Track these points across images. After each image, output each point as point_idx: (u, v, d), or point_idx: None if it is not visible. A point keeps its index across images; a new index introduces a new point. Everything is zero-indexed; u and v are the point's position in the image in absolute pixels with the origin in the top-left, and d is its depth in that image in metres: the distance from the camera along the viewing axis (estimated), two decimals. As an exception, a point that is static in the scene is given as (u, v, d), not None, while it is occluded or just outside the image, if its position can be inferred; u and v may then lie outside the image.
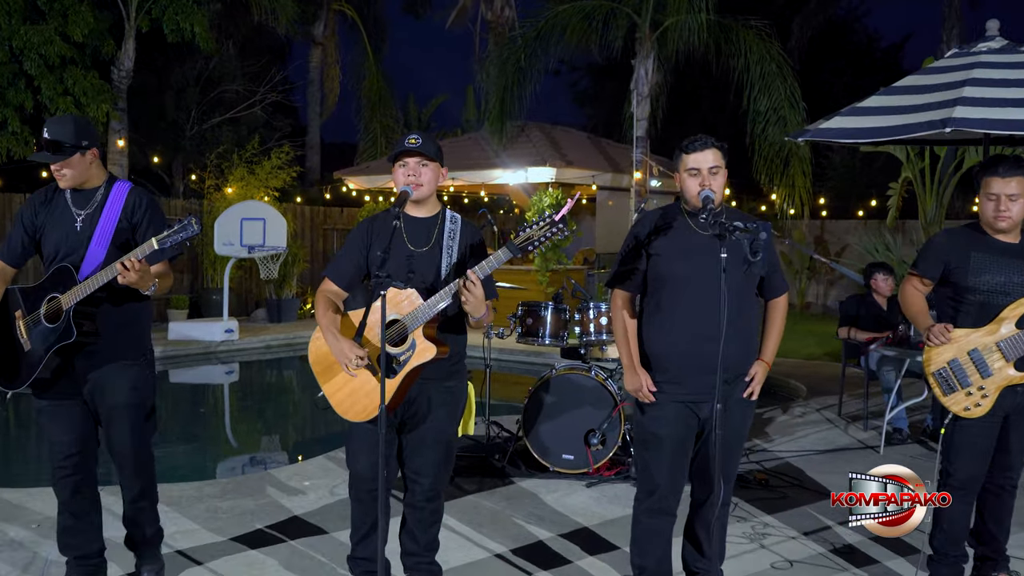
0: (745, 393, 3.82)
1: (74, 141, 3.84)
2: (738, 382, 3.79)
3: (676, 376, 3.74)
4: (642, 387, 3.78)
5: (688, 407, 3.76)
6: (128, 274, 3.60)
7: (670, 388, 3.76)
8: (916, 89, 6.29)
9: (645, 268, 3.84)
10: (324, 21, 21.65)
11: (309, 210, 18.65)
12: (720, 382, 3.42)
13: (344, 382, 3.75)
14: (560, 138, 17.03)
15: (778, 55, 13.99)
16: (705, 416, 3.76)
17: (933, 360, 3.97)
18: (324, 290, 3.87)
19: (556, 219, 3.46)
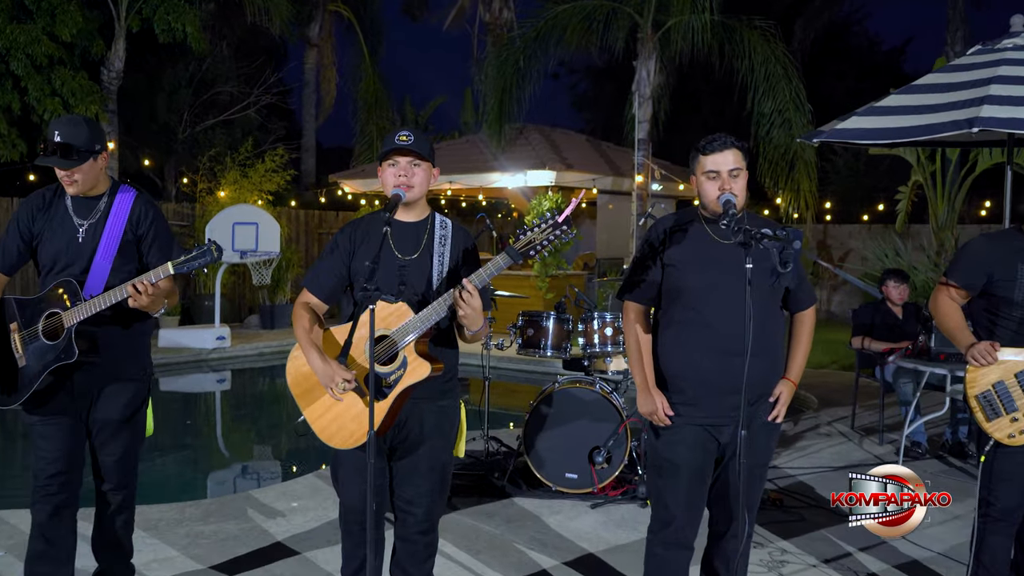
0: (770, 416, 3.49)
1: (88, 146, 3.60)
2: (762, 403, 3.46)
3: (694, 397, 3.42)
4: (657, 409, 3.45)
5: (707, 431, 3.43)
6: (140, 298, 3.43)
7: (687, 410, 3.44)
8: (938, 88, 5.97)
9: (660, 279, 3.51)
10: (320, 22, 21.33)
11: (304, 214, 18.32)
12: (745, 404, 3.09)
13: (328, 406, 3.42)
14: (559, 141, 16.74)
15: (783, 56, 13.70)
16: (726, 440, 3.44)
17: (977, 382, 3.64)
18: (303, 302, 3.54)
19: (559, 220, 3.14)
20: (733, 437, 3.43)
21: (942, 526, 5.34)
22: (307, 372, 3.44)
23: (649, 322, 3.62)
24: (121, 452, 3.78)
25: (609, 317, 6.12)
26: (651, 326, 3.61)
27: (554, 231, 3.14)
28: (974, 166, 10.81)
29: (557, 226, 3.14)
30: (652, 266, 3.53)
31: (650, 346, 3.55)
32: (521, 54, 14.82)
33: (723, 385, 3.34)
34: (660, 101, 14.46)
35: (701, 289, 3.40)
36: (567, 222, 3.15)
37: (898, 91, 6.28)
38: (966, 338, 3.74)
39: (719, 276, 3.38)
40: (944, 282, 3.86)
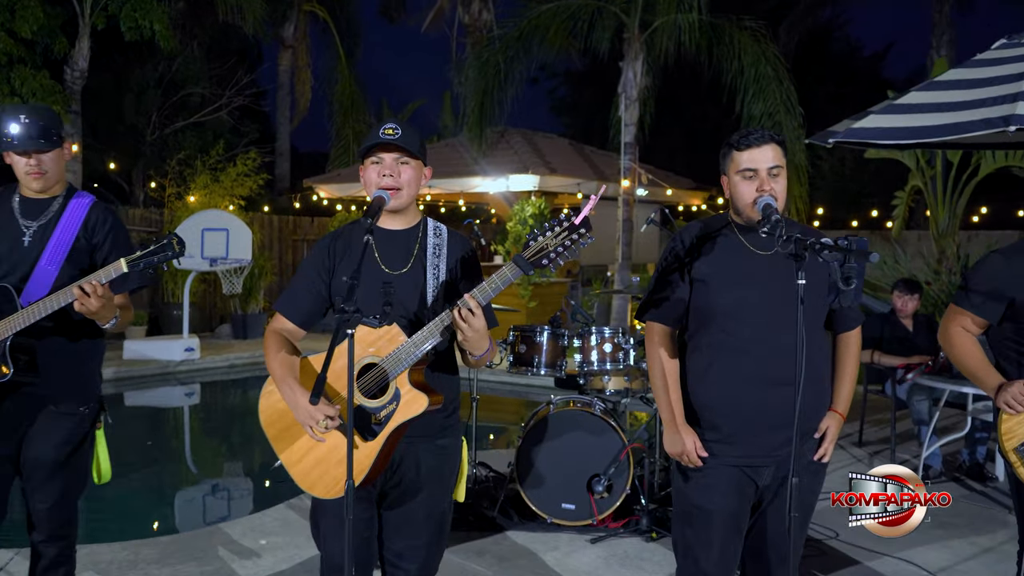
0: (817, 455, 3.02)
1: (59, 130, 3.19)
2: (807, 440, 2.99)
3: (731, 434, 2.93)
4: (689, 449, 2.96)
5: (744, 473, 2.95)
6: (88, 300, 2.94)
7: (722, 449, 2.95)
8: (963, 84, 5.54)
9: (688, 296, 3.02)
10: (294, 23, 20.73)
11: (277, 220, 17.73)
12: (796, 444, 2.61)
13: (308, 448, 2.90)
14: (542, 145, 16.28)
15: (774, 57, 13.29)
16: (765, 483, 2.96)
17: (1015, 432, 3.14)
18: (275, 329, 3.02)
19: (576, 222, 2.64)
20: (774, 479, 2.96)
21: (975, 560, 4.91)
22: (283, 409, 2.94)
23: (675, 346, 3.12)
24: (55, 499, 3.26)
25: (608, 332, 5.64)
26: (678, 351, 3.12)
27: (570, 235, 2.64)
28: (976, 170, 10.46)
29: (574, 229, 2.64)
30: (678, 281, 3.04)
31: (677, 374, 3.06)
32: (503, 55, 14.33)
33: (764, 420, 2.87)
34: (647, 103, 14.02)
35: (736, 308, 2.92)
36: (586, 224, 2.65)
37: (919, 87, 5.84)
38: (992, 378, 3.21)
39: (757, 293, 2.91)
40: (956, 310, 3.28)
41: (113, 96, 16.99)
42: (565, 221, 2.66)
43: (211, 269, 13.20)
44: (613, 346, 5.60)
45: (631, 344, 5.64)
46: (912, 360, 6.68)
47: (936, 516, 5.62)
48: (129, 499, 6.94)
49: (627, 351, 5.62)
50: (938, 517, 5.61)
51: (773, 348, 2.85)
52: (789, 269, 2.88)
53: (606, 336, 5.62)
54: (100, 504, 6.40)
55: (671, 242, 3.13)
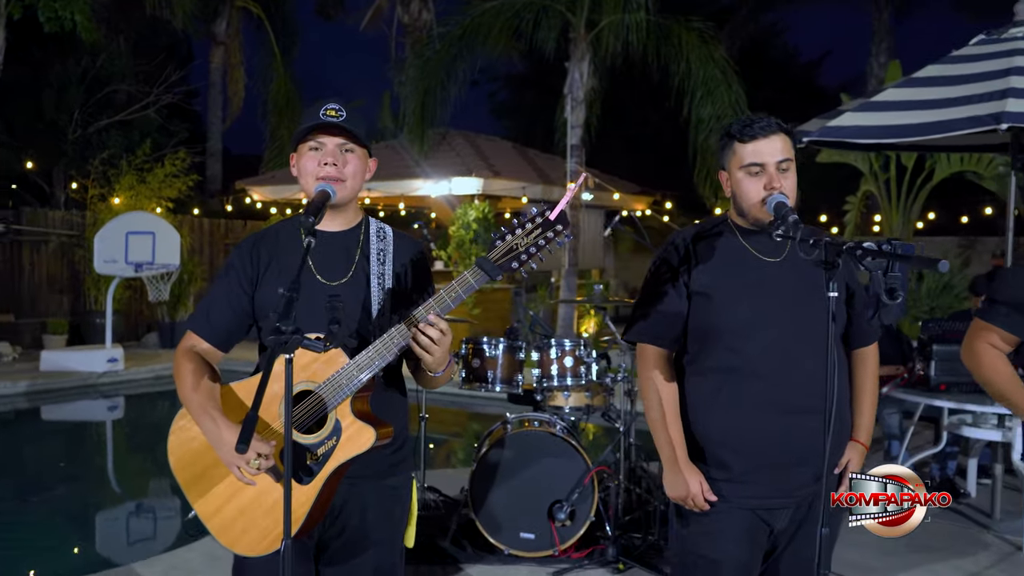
0: (839, 494, 2.60)
1: None
2: (831, 478, 2.58)
3: (743, 472, 2.51)
4: (695, 492, 2.52)
5: (758, 516, 2.52)
6: None
7: (732, 490, 2.53)
8: (944, 80, 5.23)
9: (686, 312, 2.59)
10: (227, 18, 19.92)
11: (208, 223, 16.97)
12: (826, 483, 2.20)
13: (229, 495, 2.40)
14: (485, 147, 15.84)
15: (722, 59, 13.04)
16: (780, 527, 2.55)
17: None
18: (188, 350, 2.51)
19: (551, 218, 2.19)
20: (791, 522, 2.55)
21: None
22: (198, 449, 2.43)
23: (673, 371, 2.68)
24: None
25: (569, 345, 5.20)
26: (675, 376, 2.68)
27: (544, 233, 2.19)
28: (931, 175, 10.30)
29: (548, 225, 2.19)
30: (673, 295, 2.60)
31: (677, 404, 2.62)
32: (445, 53, 13.87)
33: (782, 455, 2.47)
34: (593, 105, 13.66)
35: (745, 325, 2.50)
36: (562, 219, 2.19)
37: (895, 84, 5.54)
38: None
39: (769, 306, 2.50)
40: (982, 325, 2.83)
41: (31, 91, 16.06)
42: (538, 216, 2.20)
43: (137, 275, 12.47)
44: (574, 360, 5.16)
45: (594, 358, 5.22)
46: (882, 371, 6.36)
47: (914, 539, 5.30)
48: (35, 529, 6.28)
49: (589, 365, 5.20)
50: (916, 540, 5.28)
51: (790, 370, 2.45)
52: (802, 277, 2.50)
53: (567, 349, 5.18)
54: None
55: (662, 249, 2.69)
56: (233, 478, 2.38)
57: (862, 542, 5.19)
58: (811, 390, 2.45)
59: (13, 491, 7.12)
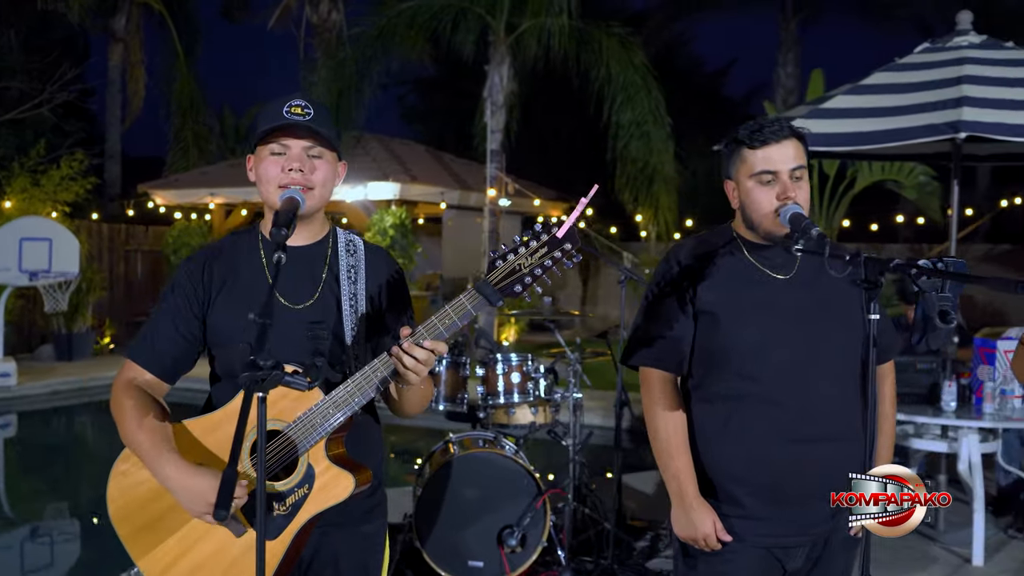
0: (854, 529, 2.42)
1: None
2: (844, 512, 2.38)
3: (757, 508, 2.29)
4: (708, 533, 2.29)
5: (772, 555, 2.31)
6: None
7: (745, 528, 2.32)
8: (896, 88, 5.17)
9: (692, 334, 2.36)
10: (126, 14, 19.02)
11: (108, 228, 16.12)
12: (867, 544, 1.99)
13: (182, 550, 2.08)
14: (401, 152, 15.48)
15: (642, 65, 13.05)
16: (795, 567, 2.34)
17: None
18: (129, 383, 2.17)
19: (559, 235, 1.92)
20: (807, 560, 2.35)
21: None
22: (145, 496, 2.10)
23: (680, 396, 2.45)
24: None
25: (516, 360, 4.94)
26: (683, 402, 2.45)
27: (551, 252, 1.92)
28: (853, 182, 10.42)
29: (556, 244, 1.92)
30: (678, 314, 2.37)
31: (686, 433, 2.39)
32: (360, 54, 13.51)
33: (799, 489, 2.26)
34: (513, 110, 13.47)
35: (758, 348, 2.29)
36: (571, 237, 1.93)
37: (844, 91, 5.45)
38: None
39: (781, 327, 2.29)
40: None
41: (-89, 86, 15.04)
42: (543, 234, 1.94)
43: (32, 284, 11.70)
44: (522, 376, 4.91)
45: (540, 373, 4.98)
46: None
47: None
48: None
49: (537, 381, 4.96)
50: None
51: (805, 396, 2.27)
52: (814, 295, 2.32)
53: (513, 365, 4.92)
54: None
55: (663, 265, 2.46)
56: (186, 531, 2.07)
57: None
58: (829, 416, 2.28)
59: None
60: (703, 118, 24.76)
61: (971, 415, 5.19)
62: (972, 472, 5.24)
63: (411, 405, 2.19)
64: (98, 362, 13.27)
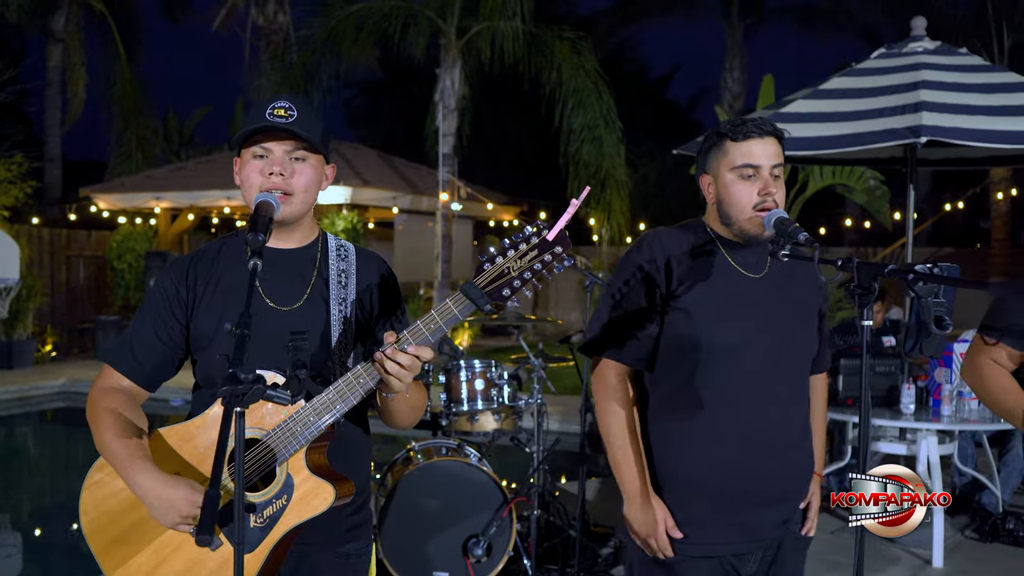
0: (804, 529, 2.43)
1: None
2: (794, 513, 2.39)
3: (710, 514, 2.28)
4: (660, 532, 2.25)
5: (725, 564, 2.29)
6: None
7: (699, 535, 2.28)
8: (855, 93, 5.23)
9: (659, 329, 2.31)
10: (65, 13, 18.57)
11: (48, 233, 15.70)
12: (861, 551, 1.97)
13: (155, 564, 2.00)
14: (351, 155, 15.32)
15: (593, 71, 13.09)
16: (750, 572, 2.31)
17: None
18: (107, 390, 2.08)
19: (550, 238, 1.86)
20: (761, 563, 2.33)
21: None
22: (119, 507, 2.02)
23: (634, 391, 2.39)
24: None
25: (479, 367, 4.88)
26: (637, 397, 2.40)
27: (541, 256, 1.86)
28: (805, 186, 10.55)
29: (547, 247, 1.86)
30: (646, 308, 2.31)
31: (637, 430, 2.35)
32: (309, 57, 13.36)
33: (756, 495, 2.26)
34: (464, 113, 13.42)
35: (725, 348, 2.25)
36: (562, 240, 1.87)
37: (804, 96, 5.49)
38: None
39: (749, 328, 2.26)
40: (988, 340, 2.68)
41: None
42: (533, 236, 1.88)
43: (-32, 290, 11.35)
44: (485, 382, 4.84)
45: (505, 379, 4.92)
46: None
47: (822, 555, 5.24)
48: None
49: (501, 387, 4.89)
50: (825, 556, 5.22)
51: (766, 400, 2.26)
52: (786, 297, 2.32)
53: (477, 371, 4.85)
54: None
55: (634, 254, 2.37)
56: (159, 544, 1.99)
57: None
58: (782, 420, 2.28)
59: None
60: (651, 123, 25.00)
61: (929, 417, 5.24)
62: (931, 474, 5.30)
63: (401, 416, 2.12)
64: (39, 370, 12.89)
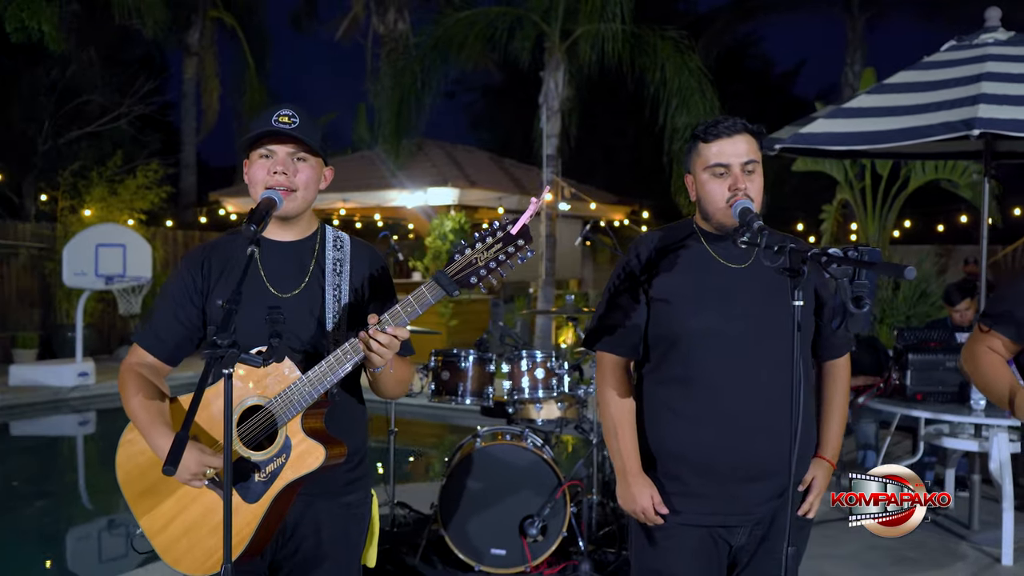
0: (801, 509, 2.54)
1: None
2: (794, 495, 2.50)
3: (697, 487, 2.44)
4: (646, 506, 2.45)
5: (714, 534, 2.45)
6: None
7: (686, 505, 2.46)
8: (917, 87, 5.20)
9: (646, 320, 2.51)
10: (200, 29, 19.74)
11: (182, 235, 16.77)
12: (793, 509, 2.11)
13: (175, 513, 2.33)
14: (461, 157, 15.77)
15: (697, 68, 13.03)
16: (739, 544, 2.48)
17: None
18: (135, 365, 2.43)
19: (513, 232, 2.13)
20: (751, 538, 2.47)
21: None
22: (146, 464, 2.36)
23: (631, 380, 2.61)
24: None
25: (540, 356, 5.11)
26: (634, 385, 2.61)
27: (505, 248, 2.12)
28: (906, 183, 10.30)
29: (510, 240, 2.12)
30: (633, 302, 2.53)
31: (633, 414, 2.55)
32: (419, 63, 13.81)
33: (739, 472, 2.40)
34: (570, 114, 13.63)
35: (705, 335, 2.42)
36: (524, 234, 2.13)
37: (868, 91, 5.49)
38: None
39: (731, 316, 2.42)
40: (984, 330, 2.76)
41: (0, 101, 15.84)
42: (499, 231, 2.14)
43: (107, 288, 12.28)
44: (546, 371, 5.07)
45: (565, 369, 5.13)
46: (858, 381, 6.31)
47: (893, 551, 5.24)
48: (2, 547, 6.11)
49: (561, 377, 5.10)
50: (895, 551, 5.23)
51: (748, 382, 2.38)
52: (770, 286, 2.43)
53: (538, 361, 5.08)
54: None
55: (626, 255, 2.62)
56: (180, 495, 2.31)
57: (841, 555, 5.13)
58: (768, 403, 2.39)
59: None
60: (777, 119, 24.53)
61: (1000, 413, 5.17)
62: (1002, 471, 5.23)
63: (386, 388, 2.38)
64: (172, 363, 13.79)
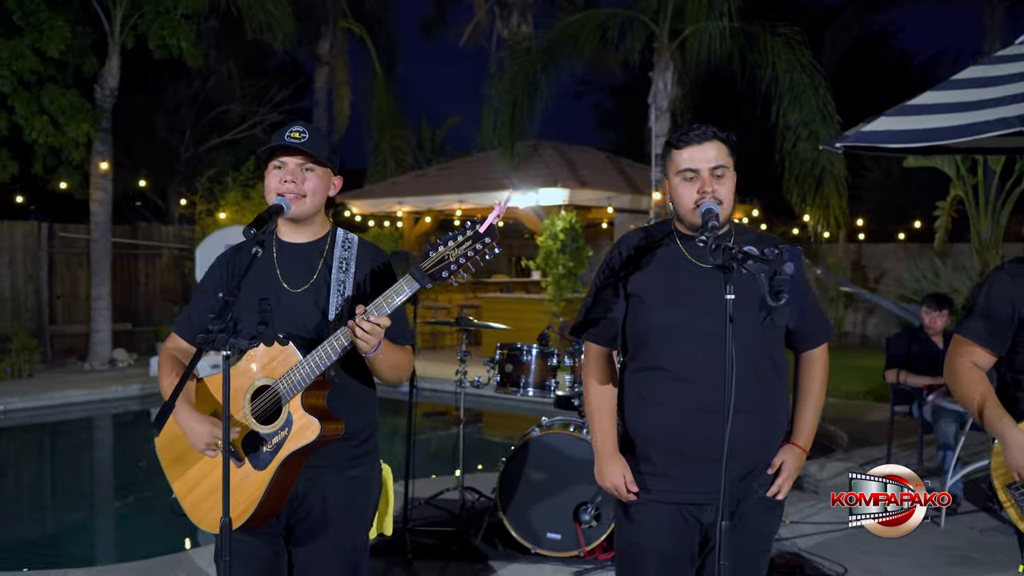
0: (771, 491, 2.68)
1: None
2: (757, 476, 2.66)
3: (665, 467, 2.63)
4: (618, 483, 2.66)
5: (683, 511, 2.63)
6: None
7: (657, 484, 2.65)
8: (981, 82, 5.11)
9: (624, 314, 2.72)
10: (330, 39, 20.68)
11: (311, 235, 17.59)
12: (726, 481, 2.28)
13: (200, 477, 2.69)
14: (576, 158, 15.96)
15: (809, 65, 12.84)
16: (710, 521, 2.64)
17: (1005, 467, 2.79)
18: (172, 350, 2.82)
19: (481, 231, 2.38)
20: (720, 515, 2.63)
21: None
22: (177, 434, 2.72)
23: (613, 368, 2.83)
24: None
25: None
26: (616, 373, 2.83)
27: (473, 245, 2.38)
28: (1021, 178, 9.88)
29: (478, 238, 2.38)
30: (613, 298, 2.74)
31: (613, 399, 2.78)
32: (532, 66, 14.10)
33: (702, 453, 2.56)
34: (681, 114, 13.66)
35: (672, 329, 2.61)
36: (491, 233, 2.39)
37: (936, 87, 5.42)
38: (1000, 420, 2.76)
39: (696, 309, 2.59)
40: (963, 342, 2.84)
41: (146, 114, 17.04)
42: (469, 230, 2.40)
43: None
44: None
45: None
46: (936, 380, 6.23)
47: (955, 550, 5.19)
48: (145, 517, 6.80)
49: (620, 371, 5.28)
50: (958, 550, 5.18)
51: (713, 373, 2.53)
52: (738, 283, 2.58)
53: (597, 355, 5.28)
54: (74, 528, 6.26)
55: (609, 253, 2.84)
56: (204, 462, 2.66)
57: (897, 552, 5.12)
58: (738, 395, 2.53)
59: (125, 482, 8.03)
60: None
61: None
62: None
63: (381, 372, 2.65)
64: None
